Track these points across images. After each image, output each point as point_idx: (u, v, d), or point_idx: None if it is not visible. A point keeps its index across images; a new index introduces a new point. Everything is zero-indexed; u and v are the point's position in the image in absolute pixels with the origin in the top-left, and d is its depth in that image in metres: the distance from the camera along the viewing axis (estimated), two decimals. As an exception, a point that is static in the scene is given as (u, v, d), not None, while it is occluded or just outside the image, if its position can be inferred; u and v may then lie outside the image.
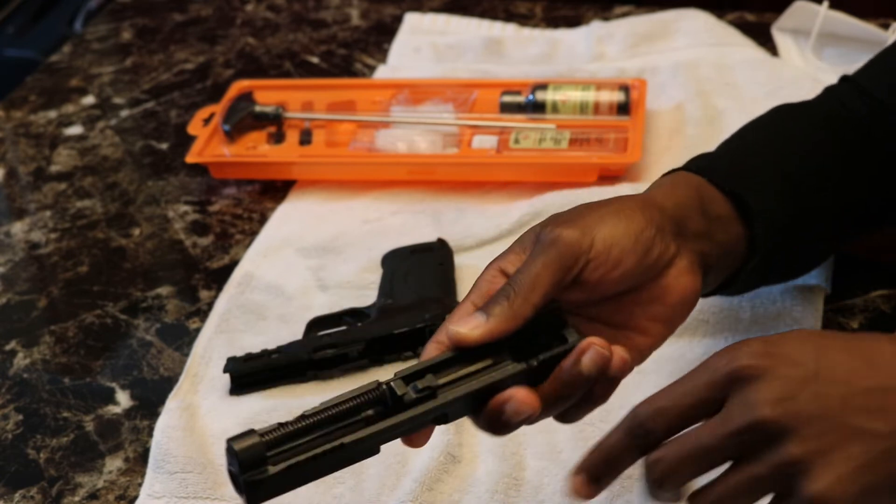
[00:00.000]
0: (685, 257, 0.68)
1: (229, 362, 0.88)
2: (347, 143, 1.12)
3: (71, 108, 1.29)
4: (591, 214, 0.66)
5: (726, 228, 0.73)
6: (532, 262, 0.64)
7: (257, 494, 0.59)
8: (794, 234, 0.77)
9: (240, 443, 0.58)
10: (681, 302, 0.68)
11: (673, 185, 0.73)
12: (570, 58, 1.26)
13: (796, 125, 0.83)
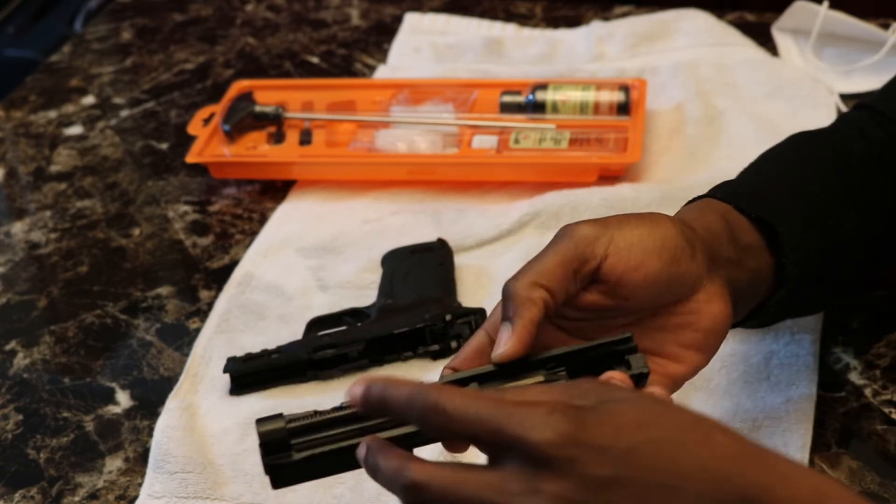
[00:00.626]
0: (716, 282, 0.66)
1: (229, 362, 0.88)
2: (347, 143, 1.12)
3: (71, 108, 1.29)
4: (615, 217, 0.65)
5: (757, 257, 0.71)
6: (544, 252, 0.63)
7: (279, 478, 0.59)
8: (821, 264, 0.75)
9: (264, 425, 0.58)
10: (712, 328, 0.66)
11: (701, 211, 0.71)
12: (570, 58, 1.26)
13: (815, 153, 0.81)
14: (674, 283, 0.64)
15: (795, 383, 0.82)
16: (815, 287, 0.76)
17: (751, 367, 0.84)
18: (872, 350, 0.86)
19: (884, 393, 0.82)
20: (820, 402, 0.82)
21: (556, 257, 0.61)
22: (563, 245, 0.62)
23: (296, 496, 0.79)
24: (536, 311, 0.61)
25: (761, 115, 1.12)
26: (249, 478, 0.81)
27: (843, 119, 0.87)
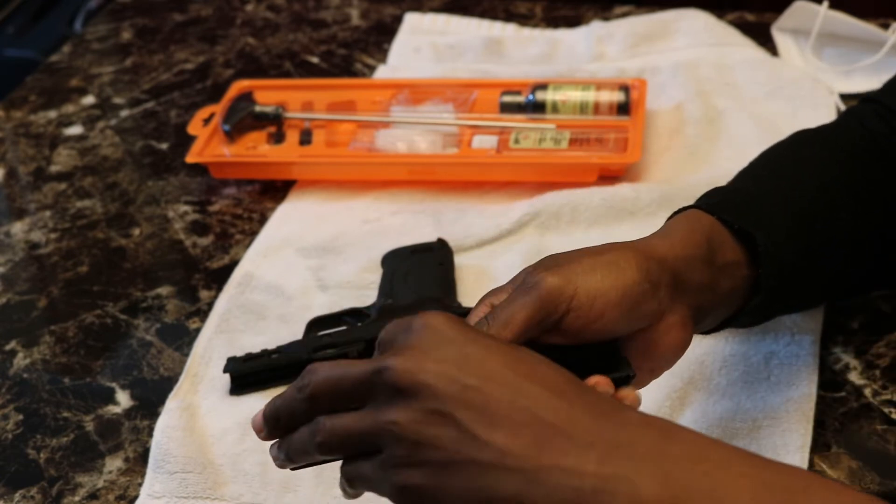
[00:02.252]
0: (678, 312, 0.67)
1: (229, 362, 0.88)
2: (347, 143, 1.12)
3: (71, 108, 1.29)
4: (583, 262, 0.65)
5: (733, 273, 0.71)
6: (511, 301, 0.64)
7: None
8: (802, 272, 0.76)
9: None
10: (665, 354, 0.68)
11: (684, 232, 0.71)
12: (570, 58, 1.26)
13: (814, 152, 0.81)
14: (632, 324, 0.65)
15: (795, 383, 0.83)
16: (795, 291, 0.77)
17: (751, 367, 0.84)
18: (872, 350, 0.86)
19: (884, 393, 0.82)
20: (820, 402, 0.82)
21: (521, 311, 0.63)
22: (530, 299, 0.63)
23: (296, 496, 0.79)
24: None
25: (761, 115, 1.12)
26: (249, 478, 0.81)
27: (847, 113, 0.87)
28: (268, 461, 0.81)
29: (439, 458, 0.54)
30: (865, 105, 0.86)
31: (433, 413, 0.54)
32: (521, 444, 0.52)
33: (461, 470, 0.53)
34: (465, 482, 0.53)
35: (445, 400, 0.54)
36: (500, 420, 0.53)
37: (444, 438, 0.53)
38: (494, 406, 0.53)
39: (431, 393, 0.54)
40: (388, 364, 0.56)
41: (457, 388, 0.54)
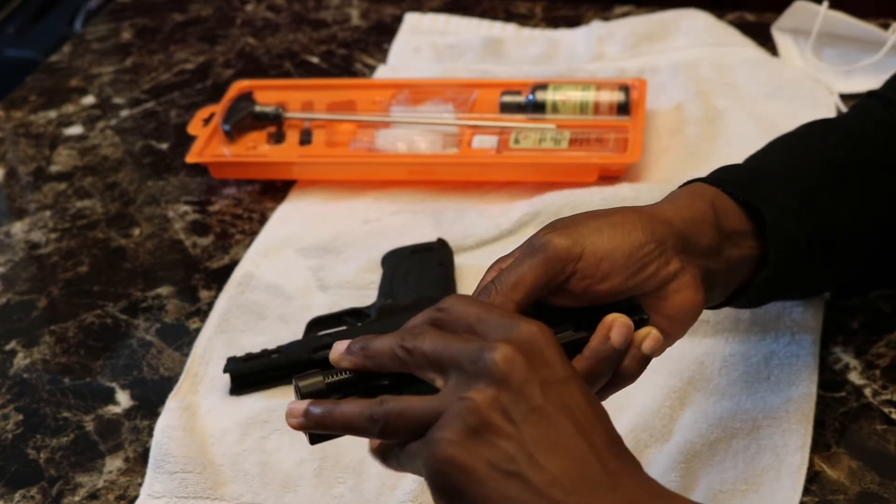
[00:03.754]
0: (688, 272, 0.67)
1: (229, 362, 0.88)
2: (347, 143, 1.12)
3: (71, 108, 1.29)
4: (589, 224, 0.66)
5: (739, 243, 0.72)
6: (519, 263, 0.65)
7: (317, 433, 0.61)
8: (812, 248, 0.76)
9: (304, 380, 0.61)
10: (677, 315, 0.68)
11: (688, 198, 0.72)
12: (570, 58, 1.26)
13: (823, 141, 0.82)
14: (640, 285, 0.66)
15: (795, 383, 0.83)
16: (805, 271, 0.77)
17: (751, 367, 0.84)
18: (872, 350, 0.86)
19: (884, 393, 0.82)
20: (820, 402, 0.82)
21: (530, 273, 0.64)
22: (537, 260, 0.64)
23: (296, 496, 0.79)
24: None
25: (761, 115, 1.12)
26: (249, 478, 0.81)
27: (855, 107, 0.88)
28: (268, 461, 0.81)
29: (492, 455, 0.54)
30: (871, 100, 0.87)
31: (505, 412, 0.55)
32: (570, 480, 0.54)
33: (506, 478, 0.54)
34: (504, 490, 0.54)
35: (521, 408, 0.55)
36: (559, 451, 0.54)
37: (504, 439, 0.55)
38: (560, 436, 0.55)
39: (515, 395, 0.55)
40: (495, 346, 0.56)
41: (535, 404, 0.55)
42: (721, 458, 0.78)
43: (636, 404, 0.82)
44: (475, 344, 0.57)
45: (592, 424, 0.56)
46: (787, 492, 0.75)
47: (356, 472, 0.80)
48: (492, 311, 0.59)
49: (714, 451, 0.78)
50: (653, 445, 0.79)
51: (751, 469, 0.77)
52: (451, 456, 0.55)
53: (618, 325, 0.63)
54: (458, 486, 0.55)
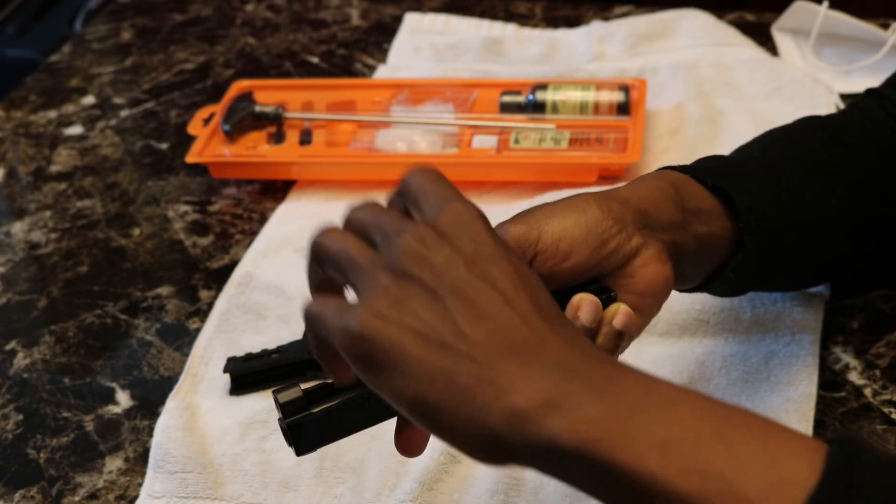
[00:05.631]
0: (652, 247, 0.68)
1: (229, 362, 0.88)
2: (347, 143, 1.12)
3: (71, 108, 1.29)
4: (544, 209, 0.67)
5: (709, 221, 0.72)
6: None
7: (300, 438, 0.61)
8: (791, 241, 0.76)
9: (283, 394, 0.61)
10: (647, 290, 0.68)
11: (645, 179, 0.73)
12: (570, 58, 1.26)
13: (813, 136, 0.82)
14: (604, 262, 0.66)
15: (795, 383, 0.83)
16: (784, 259, 0.77)
17: (751, 367, 0.84)
18: (872, 350, 0.86)
19: (884, 393, 0.82)
20: (820, 402, 0.82)
21: None
22: None
23: (296, 496, 0.79)
24: None
25: (761, 115, 1.12)
26: (249, 478, 0.81)
27: (851, 104, 0.88)
28: (268, 461, 0.81)
29: (415, 325, 0.52)
30: (868, 97, 0.87)
31: (427, 287, 0.53)
32: (494, 344, 0.52)
33: (429, 346, 0.52)
34: (427, 358, 0.51)
35: (444, 283, 0.53)
36: (485, 319, 0.52)
37: (427, 311, 0.52)
38: (485, 305, 0.53)
39: (437, 271, 0.53)
40: (419, 225, 0.55)
41: (458, 277, 0.53)
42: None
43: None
44: (404, 222, 0.56)
45: (519, 293, 0.53)
46: (787, 492, 0.75)
47: (356, 472, 0.80)
48: (438, 186, 0.58)
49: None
50: (653, 445, 0.79)
51: (751, 469, 0.77)
52: (373, 327, 0.52)
53: (585, 303, 0.64)
54: (377, 358, 0.52)
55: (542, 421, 0.49)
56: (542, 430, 0.49)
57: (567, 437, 0.49)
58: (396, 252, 0.54)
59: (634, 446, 0.48)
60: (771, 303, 0.88)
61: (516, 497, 0.77)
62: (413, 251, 0.54)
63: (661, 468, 0.47)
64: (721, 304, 0.89)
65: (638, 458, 0.48)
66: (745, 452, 0.47)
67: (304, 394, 0.61)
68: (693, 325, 0.88)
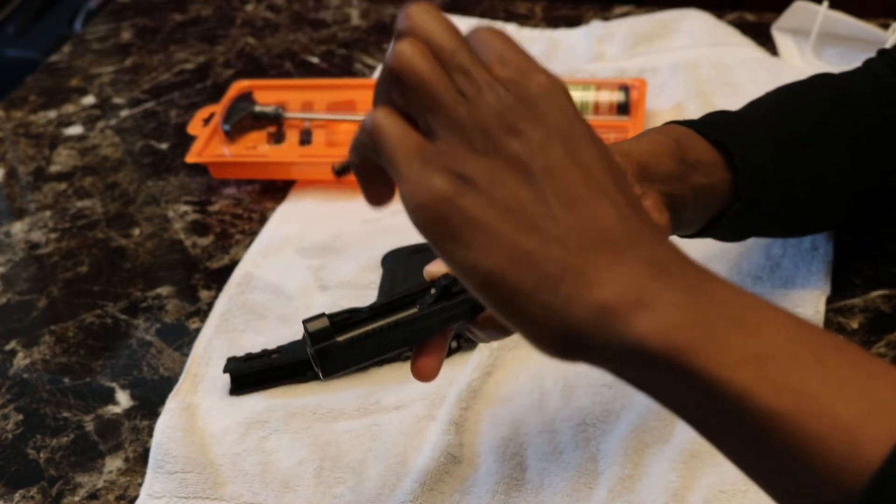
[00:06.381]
0: (650, 197, 0.71)
1: (229, 362, 0.88)
2: (347, 143, 1.12)
3: (71, 108, 1.29)
4: None
5: (708, 172, 0.75)
6: None
7: (327, 363, 0.65)
8: (789, 194, 0.80)
9: (312, 324, 0.65)
10: None
11: (648, 133, 0.77)
12: (570, 58, 1.26)
13: (820, 93, 0.85)
14: None
15: (795, 383, 0.82)
16: (782, 210, 0.81)
17: (751, 367, 0.84)
18: (872, 350, 0.86)
19: (884, 393, 0.82)
20: (820, 402, 0.82)
21: None
22: None
23: (296, 496, 0.79)
24: None
25: (761, 115, 1.12)
26: (249, 478, 0.81)
27: (864, 63, 0.90)
28: (268, 461, 0.81)
29: (504, 197, 0.48)
30: (880, 58, 0.89)
31: (521, 164, 0.48)
32: (586, 232, 0.48)
33: (517, 222, 0.48)
34: (512, 232, 0.47)
35: (537, 160, 0.49)
36: (579, 205, 0.48)
37: (521, 188, 0.48)
38: (580, 190, 0.48)
39: (528, 148, 0.49)
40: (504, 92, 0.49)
41: (553, 156, 0.49)
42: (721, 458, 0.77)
43: (638, 404, 0.82)
44: (494, 78, 0.50)
45: (612, 182, 0.49)
46: (788, 492, 0.75)
47: (356, 472, 0.80)
48: (518, 51, 0.51)
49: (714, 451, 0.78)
50: (653, 446, 0.79)
51: (751, 469, 0.77)
52: (460, 192, 0.48)
53: None
54: (457, 227, 0.48)
55: (632, 320, 0.46)
56: (630, 330, 0.46)
57: (657, 340, 0.45)
58: (490, 112, 0.49)
59: (728, 357, 0.45)
60: (771, 303, 0.88)
61: (517, 497, 0.77)
62: (507, 118, 0.49)
63: (755, 383, 0.45)
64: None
65: (731, 370, 0.45)
66: (842, 377, 0.45)
67: (331, 324, 0.65)
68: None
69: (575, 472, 0.78)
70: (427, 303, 0.67)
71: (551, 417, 0.82)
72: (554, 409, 0.83)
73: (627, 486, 0.77)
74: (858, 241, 0.95)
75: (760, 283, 0.92)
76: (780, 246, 0.94)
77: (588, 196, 0.48)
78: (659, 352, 0.45)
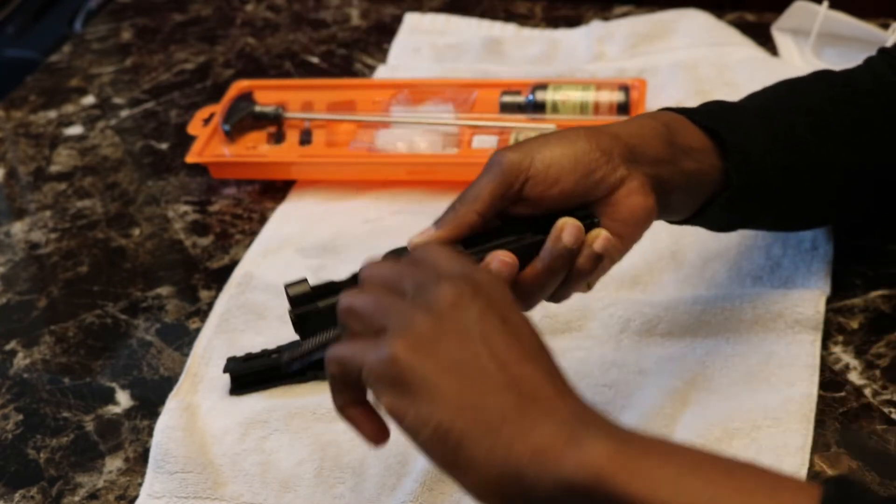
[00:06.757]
0: (636, 179, 0.72)
1: (229, 362, 0.88)
2: (347, 143, 1.12)
3: (71, 108, 1.29)
4: (538, 140, 0.72)
5: (698, 158, 0.76)
6: (478, 179, 0.71)
7: (306, 327, 0.67)
8: (782, 183, 0.80)
9: (293, 287, 0.68)
10: (631, 219, 0.72)
11: (640, 117, 0.78)
12: (570, 58, 1.26)
13: (818, 87, 0.86)
14: (590, 190, 0.71)
15: (795, 383, 0.83)
16: (774, 200, 0.81)
17: (751, 367, 0.84)
18: (872, 350, 0.86)
19: (884, 393, 0.82)
20: (820, 402, 0.82)
21: (487, 186, 0.70)
22: (492, 174, 0.71)
23: (296, 496, 0.79)
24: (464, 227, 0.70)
25: (761, 115, 1.12)
26: (249, 478, 0.81)
27: (865, 61, 0.90)
28: (267, 461, 0.81)
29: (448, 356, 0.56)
30: (880, 55, 0.89)
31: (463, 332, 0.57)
32: (521, 390, 0.55)
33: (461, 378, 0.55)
34: (457, 385, 0.55)
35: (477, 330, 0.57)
36: (513, 367, 0.56)
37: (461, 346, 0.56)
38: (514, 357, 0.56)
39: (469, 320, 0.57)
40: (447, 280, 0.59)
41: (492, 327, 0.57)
42: (721, 458, 0.78)
43: (638, 404, 0.82)
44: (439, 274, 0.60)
45: (542, 354, 0.58)
46: (788, 492, 0.75)
47: (356, 473, 0.80)
48: (459, 256, 0.63)
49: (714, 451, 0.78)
50: (653, 445, 0.79)
51: (751, 469, 0.77)
52: (408, 353, 0.56)
53: (569, 226, 0.69)
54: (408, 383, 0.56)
55: (563, 457, 0.53)
56: (563, 464, 0.53)
57: (585, 471, 0.52)
58: (433, 297, 0.58)
59: (647, 480, 0.52)
60: (772, 303, 0.88)
61: (516, 497, 0.77)
62: (450, 297, 0.57)
63: (674, 498, 0.51)
64: (723, 305, 0.89)
65: (651, 490, 0.51)
66: (750, 488, 0.52)
67: (312, 289, 0.67)
68: (694, 325, 0.88)
69: (575, 472, 0.78)
70: None
71: (551, 417, 0.82)
72: (554, 409, 0.83)
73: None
74: (859, 241, 0.95)
75: (760, 283, 0.92)
76: (780, 246, 0.94)
77: (522, 361, 0.56)
78: (589, 480, 0.52)
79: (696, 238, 0.96)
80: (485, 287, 0.59)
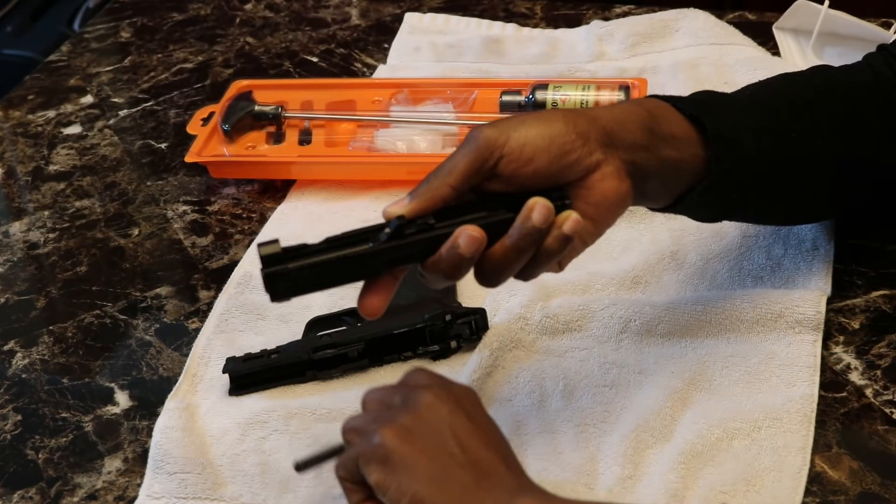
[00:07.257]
0: (612, 164, 0.73)
1: (229, 362, 0.88)
2: (347, 142, 1.12)
3: (70, 107, 1.29)
4: (516, 119, 0.74)
5: (679, 147, 0.76)
6: (454, 153, 0.72)
7: (276, 287, 0.69)
8: (767, 174, 0.80)
9: (265, 248, 0.69)
10: (604, 202, 0.73)
11: (625, 104, 0.78)
12: (570, 57, 1.26)
13: (812, 81, 0.86)
14: (564, 171, 0.72)
15: (796, 383, 0.82)
16: (757, 191, 0.81)
17: (751, 367, 0.84)
18: (873, 350, 0.86)
19: (885, 393, 0.82)
20: (821, 402, 0.81)
21: (463, 160, 0.71)
22: (468, 149, 0.72)
23: (296, 496, 0.79)
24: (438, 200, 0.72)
25: (762, 115, 1.12)
26: (249, 478, 0.80)
27: (864, 58, 0.90)
28: (267, 462, 0.81)
29: (423, 442, 0.67)
30: (879, 52, 0.89)
31: (435, 426, 0.69)
32: (480, 470, 0.67)
33: (432, 458, 0.67)
34: (429, 462, 0.67)
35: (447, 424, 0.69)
36: (473, 452, 0.68)
37: (433, 435, 0.68)
38: (476, 445, 0.68)
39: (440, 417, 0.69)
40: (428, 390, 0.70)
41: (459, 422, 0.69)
42: (722, 458, 0.78)
43: (638, 405, 0.82)
44: (422, 386, 0.71)
45: (500, 444, 0.70)
46: (789, 493, 0.75)
47: (356, 473, 0.80)
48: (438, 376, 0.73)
49: (715, 451, 0.78)
50: (654, 446, 0.79)
51: (751, 470, 0.77)
52: (393, 438, 0.67)
53: (539, 206, 0.70)
54: (392, 460, 0.67)
55: None
56: None
57: None
58: (414, 401, 0.69)
59: None
60: (772, 302, 0.88)
61: (517, 498, 0.77)
62: (428, 399, 0.69)
63: None
64: (723, 306, 0.88)
65: None
66: None
67: (284, 251, 0.68)
68: (694, 325, 0.87)
69: (575, 472, 0.78)
70: (380, 240, 0.71)
71: (551, 418, 0.82)
72: (554, 410, 0.83)
73: (627, 487, 0.77)
74: (860, 241, 0.95)
75: (761, 283, 0.91)
76: (781, 246, 0.94)
77: (482, 447, 0.68)
78: None
79: (697, 238, 0.96)
80: (455, 391, 0.70)
